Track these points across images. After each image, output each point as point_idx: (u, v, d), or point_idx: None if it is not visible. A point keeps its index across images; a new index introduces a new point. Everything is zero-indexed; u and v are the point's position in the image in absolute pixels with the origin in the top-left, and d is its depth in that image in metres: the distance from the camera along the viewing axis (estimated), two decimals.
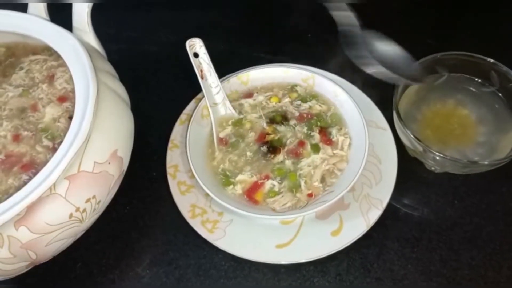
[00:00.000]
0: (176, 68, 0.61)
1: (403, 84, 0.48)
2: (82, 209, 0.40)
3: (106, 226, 0.48)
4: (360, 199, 0.46)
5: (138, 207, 0.50)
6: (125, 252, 0.47)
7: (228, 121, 0.50)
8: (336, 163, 0.46)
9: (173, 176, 0.49)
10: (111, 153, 0.42)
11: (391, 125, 0.50)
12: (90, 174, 0.40)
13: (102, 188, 0.42)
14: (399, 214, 0.48)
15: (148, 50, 0.65)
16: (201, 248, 0.46)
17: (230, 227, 0.45)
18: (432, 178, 0.50)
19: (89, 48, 0.47)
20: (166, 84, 0.60)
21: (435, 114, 0.49)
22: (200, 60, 0.49)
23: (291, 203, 0.44)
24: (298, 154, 0.47)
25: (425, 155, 0.46)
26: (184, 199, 0.47)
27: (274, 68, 0.53)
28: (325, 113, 0.50)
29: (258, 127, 0.49)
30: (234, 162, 0.47)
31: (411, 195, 0.49)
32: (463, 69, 0.51)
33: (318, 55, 0.59)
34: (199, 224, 0.45)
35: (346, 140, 0.47)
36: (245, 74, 0.52)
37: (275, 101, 0.51)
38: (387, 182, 0.46)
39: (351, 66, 0.52)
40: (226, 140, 0.49)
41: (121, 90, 0.48)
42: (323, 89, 0.51)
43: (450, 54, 0.50)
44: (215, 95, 0.50)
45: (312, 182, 0.45)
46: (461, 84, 0.51)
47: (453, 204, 0.48)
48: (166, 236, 0.48)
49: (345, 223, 0.45)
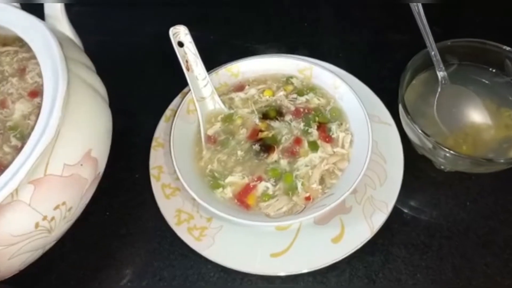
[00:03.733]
0: (162, 60, 0.59)
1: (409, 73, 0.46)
2: (50, 218, 0.37)
3: (83, 233, 0.45)
4: (363, 201, 0.44)
5: (119, 212, 0.48)
6: (105, 262, 0.45)
7: (217, 117, 0.48)
8: (336, 162, 0.44)
9: (157, 178, 0.47)
10: (84, 153, 0.39)
11: (396, 119, 0.48)
12: (59, 178, 0.37)
13: (73, 193, 0.39)
14: (406, 218, 0.46)
15: (132, 42, 0.63)
16: (188, 258, 0.44)
17: (219, 235, 0.43)
18: (442, 178, 0.48)
19: (61, 37, 0.45)
20: (151, 78, 0.59)
21: None
22: (185, 49, 0.47)
23: (286, 208, 0.42)
24: (295, 153, 0.45)
25: (435, 152, 0.44)
26: (169, 204, 0.45)
27: (267, 58, 0.51)
28: (324, 107, 0.49)
29: (250, 123, 0.48)
30: (224, 162, 0.45)
31: (419, 196, 0.48)
32: (474, 57, 0.49)
33: (315, 44, 0.59)
34: (185, 232, 0.43)
35: (347, 137, 0.45)
36: (235, 65, 0.50)
37: (268, 95, 0.50)
38: (392, 183, 0.45)
39: (352, 57, 0.51)
40: (215, 138, 0.47)
41: (98, 84, 0.45)
42: (322, 81, 0.50)
43: (461, 41, 0.48)
44: (203, 88, 0.48)
45: (310, 184, 0.43)
46: (472, 74, 0.49)
47: (465, 206, 0.47)
48: (150, 245, 0.46)
49: (347, 229, 0.43)
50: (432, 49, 0.46)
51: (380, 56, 0.58)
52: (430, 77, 0.48)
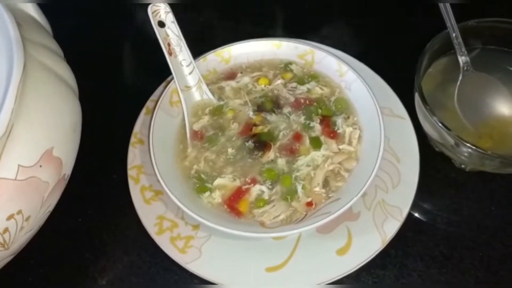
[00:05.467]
0: (143, 46, 0.55)
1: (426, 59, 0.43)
2: (2, 229, 0.33)
3: (52, 243, 0.43)
4: (373, 207, 0.42)
5: (93, 219, 0.45)
6: (77, 277, 0.42)
7: (204, 109, 0.46)
8: (342, 161, 0.42)
9: (136, 180, 0.44)
10: (44, 152, 0.35)
11: (411, 112, 0.46)
12: (12, 182, 0.33)
13: (31, 200, 0.34)
14: (422, 225, 0.44)
15: (109, 25, 0.60)
16: (171, 272, 0.41)
17: (207, 245, 0.41)
18: (463, 179, 0.45)
19: (22, 16, 0.41)
20: (130, 66, 0.56)
21: None
22: (166, 30, 0.44)
23: (284, 215, 0.40)
24: (294, 150, 0.43)
25: (457, 150, 0.40)
26: (149, 210, 0.42)
27: (262, 41, 0.48)
28: (327, 97, 0.46)
29: (242, 116, 0.45)
30: (212, 162, 0.43)
31: (437, 201, 0.45)
32: (501, 40, 0.45)
33: (317, 26, 0.55)
34: (168, 242, 0.41)
35: (355, 132, 0.43)
36: (226, 50, 0.48)
37: (264, 84, 0.47)
38: (407, 185, 0.43)
39: (360, 40, 0.48)
40: (202, 134, 0.44)
41: (66, 71, 0.41)
42: (325, 68, 0.47)
43: (486, 21, 0.45)
44: (188, 76, 0.46)
45: (312, 187, 0.41)
46: (498, 60, 0.46)
47: (490, 212, 0.44)
48: (128, 257, 0.43)
49: (355, 238, 0.40)
50: (454, 30, 0.43)
51: (392, 39, 0.55)
52: (450, 63, 0.45)
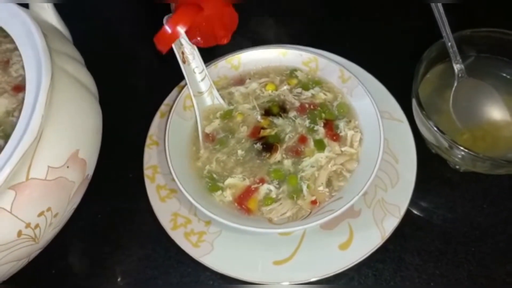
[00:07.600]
0: (157, 52, 0.55)
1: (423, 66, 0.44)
2: (34, 225, 0.35)
3: (72, 238, 0.44)
4: (373, 205, 0.43)
5: (110, 215, 0.46)
6: (95, 269, 0.43)
7: (215, 113, 0.47)
8: (344, 162, 0.43)
9: (152, 179, 0.45)
10: (71, 154, 0.37)
11: (409, 116, 0.46)
12: (42, 182, 0.34)
13: (59, 198, 0.36)
14: (419, 222, 0.44)
15: (125, 32, 0.61)
16: (184, 265, 0.43)
17: (218, 240, 0.42)
18: (458, 179, 0.46)
19: (46, 27, 0.43)
20: (145, 71, 0.56)
21: None
22: (181, 40, 0.45)
23: (291, 213, 0.41)
24: (299, 152, 0.44)
25: (451, 152, 0.42)
26: (164, 207, 0.44)
27: (269, 49, 0.49)
28: (330, 102, 0.47)
29: (251, 120, 0.46)
30: (223, 163, 0.44)
31: (433, 199, 0.46)
32: (494, 49, 0.46)
33: (321, 34, 0.56)
34: (182, 237, 0.42)
35: (356, 135, 0.44)
36: (235, 57, 0.49)
37: (271, 89, 0.48)
38: (405, 184, 0.43)
39: (362, 48, 0.48)
40: (213, 136, 0.46)
41: (87, 78, 0.43)
42: (328, 74, 0.48)
43: (480, 31, 0.45)
44: (200, 82, 0.47)
45: (316, 187, 0.42)
46: (491, 67, 0.46)
47: (483, 210, 0.45)
48: (144, 251, 0.44)
49: (356, 234, 0.41)
50: (449, 40, 0.44)
51: (391, 46, 0.56)
52: (445, 70, 0.46)
